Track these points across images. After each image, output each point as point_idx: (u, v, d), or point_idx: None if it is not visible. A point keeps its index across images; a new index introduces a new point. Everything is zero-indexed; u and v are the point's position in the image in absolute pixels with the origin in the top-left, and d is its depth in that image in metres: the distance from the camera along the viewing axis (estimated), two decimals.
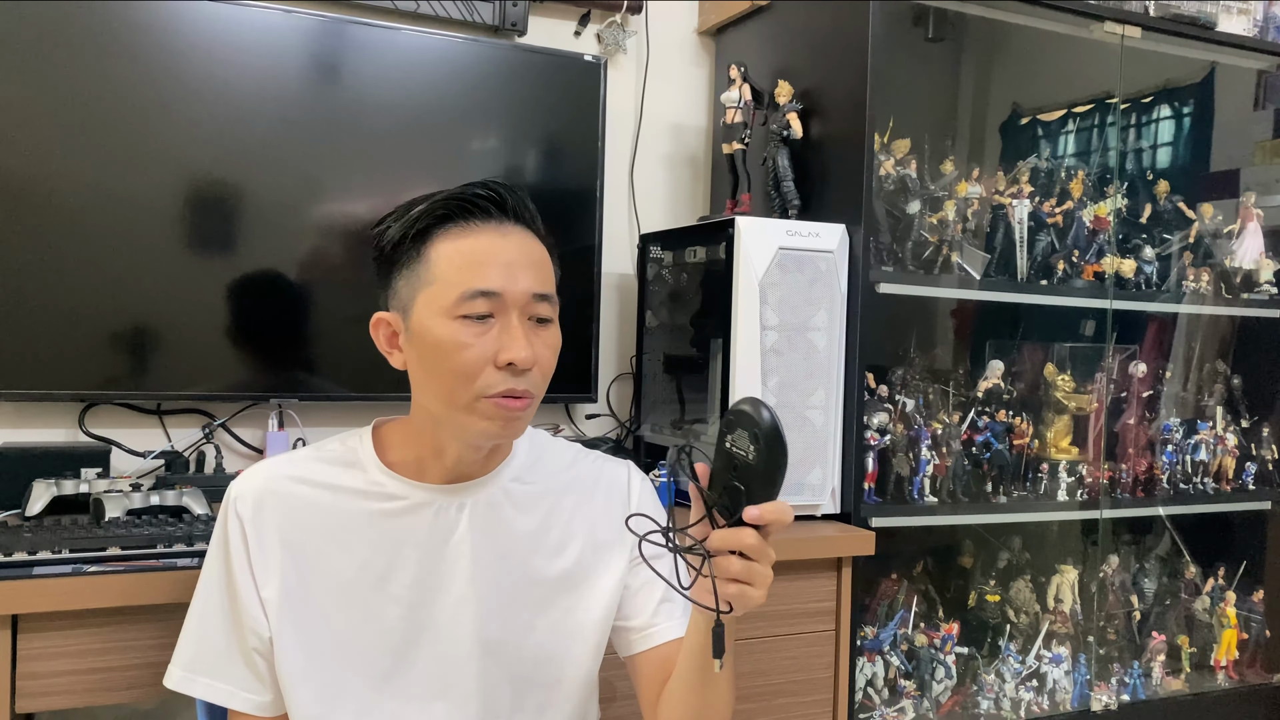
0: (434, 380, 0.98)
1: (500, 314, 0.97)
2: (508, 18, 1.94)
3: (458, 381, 0.96)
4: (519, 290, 0.97)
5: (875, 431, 1.78)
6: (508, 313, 0.97)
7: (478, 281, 0.95)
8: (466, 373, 0.95)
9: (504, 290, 0.96)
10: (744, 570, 0.85)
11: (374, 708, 1.01)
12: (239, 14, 1.64)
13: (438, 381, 0.97)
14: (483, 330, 0.96)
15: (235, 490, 1.02)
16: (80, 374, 1.57)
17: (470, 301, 0.95)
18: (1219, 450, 2.20)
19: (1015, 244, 1.99)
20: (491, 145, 1.83)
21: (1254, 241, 2.24)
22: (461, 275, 0.96)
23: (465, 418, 0.97)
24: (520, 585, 1.06)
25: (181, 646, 1.03)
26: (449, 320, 0.96)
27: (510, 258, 0.98)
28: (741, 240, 1.65)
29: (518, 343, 0.95)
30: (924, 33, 2.11)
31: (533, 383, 0.98)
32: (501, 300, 0.96)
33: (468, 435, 1.00)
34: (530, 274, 0.98)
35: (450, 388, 0.96)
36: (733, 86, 1.85)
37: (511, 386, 0.96)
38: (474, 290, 0.95)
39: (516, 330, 0.96)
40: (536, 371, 0.98)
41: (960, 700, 1.91)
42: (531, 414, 1.01)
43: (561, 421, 2.04)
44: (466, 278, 0.96)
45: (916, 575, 2.02)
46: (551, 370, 1.01)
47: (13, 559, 1.18)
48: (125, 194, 1.57)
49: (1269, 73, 2.29)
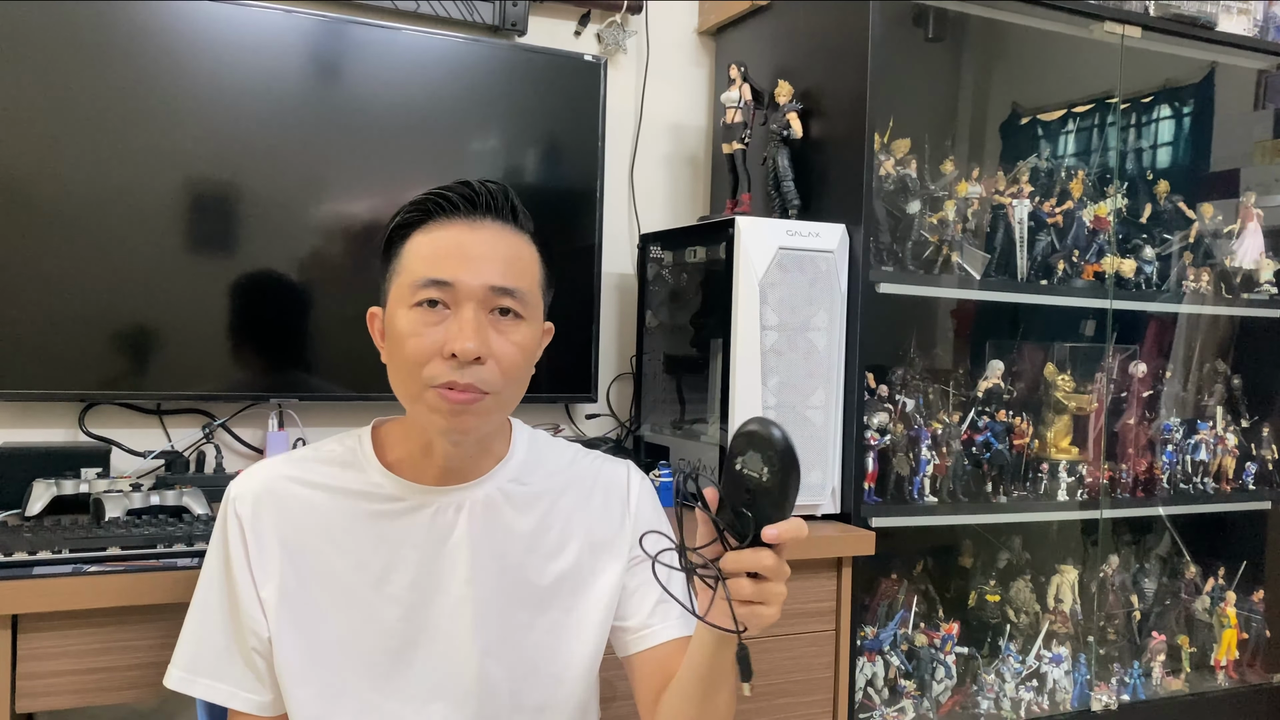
0: (392, 369, 0.99)
1: (454, 305, 0.96)
2: (508, 18, 1.94)
3: (409, 370, 0.96)
4: (476, 282, 0.96)
5: (875, 431, 1.78)
6: (461, 304, 0.96)
7: (431, 270, 0.96)
8: (415, 361, 0.95)
9: (456, 280, 0.95)
10: (757, 591, 0.85)
11: (373, 708, 1.01)
12: (239, 14, 1.64)
13: (395, 371, 0.99)
14: (435, 320, 0.95)
15: (234, 491, 1.02)
16: (80, 374, 1.57)
17: (423, 289, 0.95)
18: (1219, 450, 2.20)
19: (1015, 244, 1.99)
20: (491, 145, 1.83)
21: (1254, 241, 2.24)
22: (420, 265, 0.97)
23: (417, 408, 0.98)
24: (518, 585, 1.06)
25: (181, 647, 1.03)
26: (407, 309, 0.96)
27: (476, 251, 0.97)
28: (741, 240, 1.65)
29: (463, 333, 0.94)
30: (924, 33, 2.11)
31: (482, 378, 0.95)
32: (453, 290, 0.96)
33: (426, 428, 0.99)
34: (493, 266, 0.97)
35: (403, 377, 0.97)
36: (733, 86, 1.85)
37: (453, 378, 0.94)
38: (426, 279, 0.95)
39: (467, 322, 0.95)
40: (493, 367, 0.96)
41: (960, 700, 1.91)
42: (493, 411, 0.98)
43: (561, 421, 2.04)
44: (423, 267, 0.96)
45: (916, 575, 2.02)
46: (518, 367, 0.99)
47: (13, 559, 1.18)
48: (125, 194, 1.57)
49: (1269, 73, 2.29)
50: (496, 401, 0.98)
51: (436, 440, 1.01)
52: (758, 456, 0.82)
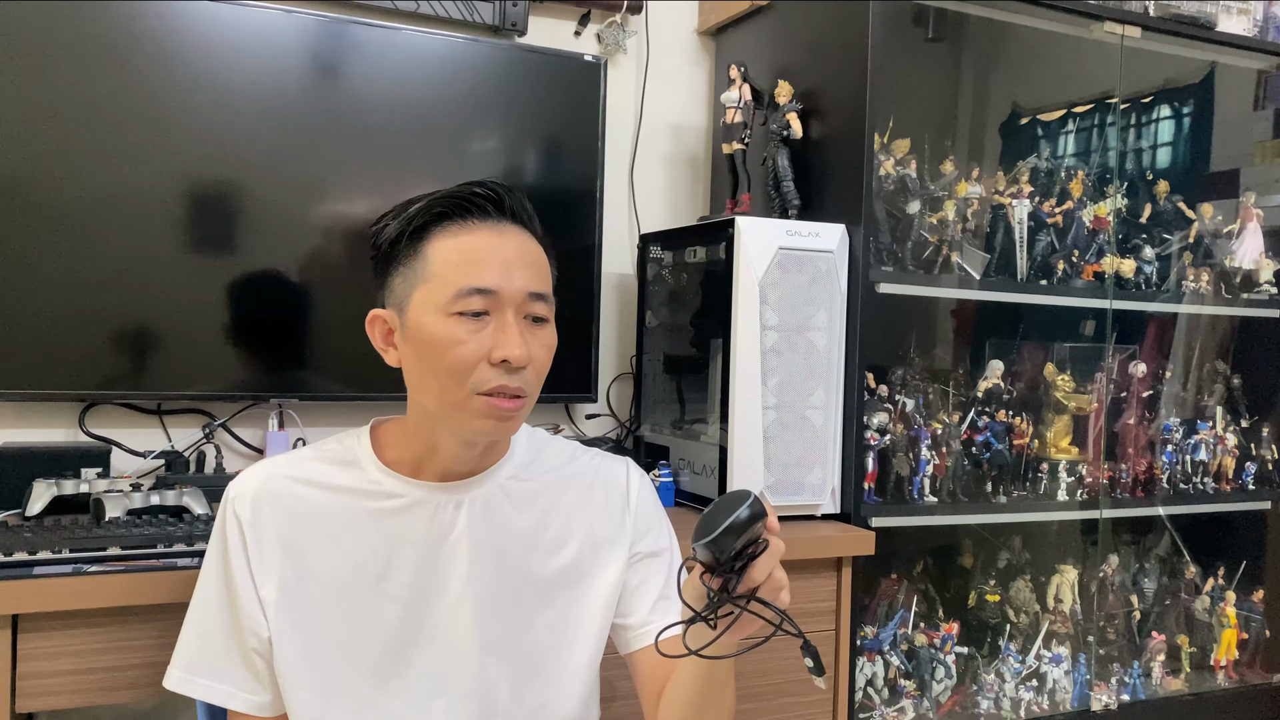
0: (429, 377, 0.98)
1: (495, 311, 0.97)
2: (508, 18, 1.94)
3: (452, 378, 0.96)
4: (515, 288, 0.97)
5: (875, 431, 1.78)
6: (503, 310, 0.97)
7: (474, 279, 0.96)
8: (461, 369, 0.95)
9: (500, 288, 0.96)
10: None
11: (373, 707, 1.01)
12: (239, 14, 1.64)
13: (432, 378, 0.98)
14: (478, 327, 0.96)
15: (233, 491, 1.02)
16: (80, 374, 1.57)
17: (466, 298, 0.96)
18: (1219, 450, 2.20)
19: (1015, 244, 1.99)
20: (491, 145, 1.83)
21: (1254, 241, 2.24)
22: (458, 272, 0.96)
23: (459, 415, 0.97)
24: (518, 583, 1.06)
25: (180, 647, 1.03)
26: (444, 317, 0.96)
27: (507, 256, 0.98)
28: (741, 240, 1.65)
29: (512, 340, 0.96)
30: (924, 33, 2.11)
31: (526, 381, 0.98)
32: (497, 298, 0.97)
33: (462, 432, 1.00)
34: (527, 273, 0.99)
35: (444, 384, 0.97)
36: (733, 86, 1.85)
37: (504, 383, 0.96)
38: (470, 287, 0.96)
39: (512, 328, 0.96)
40: (531, 370, 0.98)
41: (960, 700, 1.91)
42: (526, 413, 1.01)
43: (561, 421, 2.04)
44: (463, 275, 0.96)
45: (916, 575, 2.02)
46: (546, 369, 1.02)
47: (13, 559, 1.18)
48: (125, 194, 1.57)
49: (1269, 73, 2.29)
50: (530, 404, 1.00)
51: (452, 443, 1.02)
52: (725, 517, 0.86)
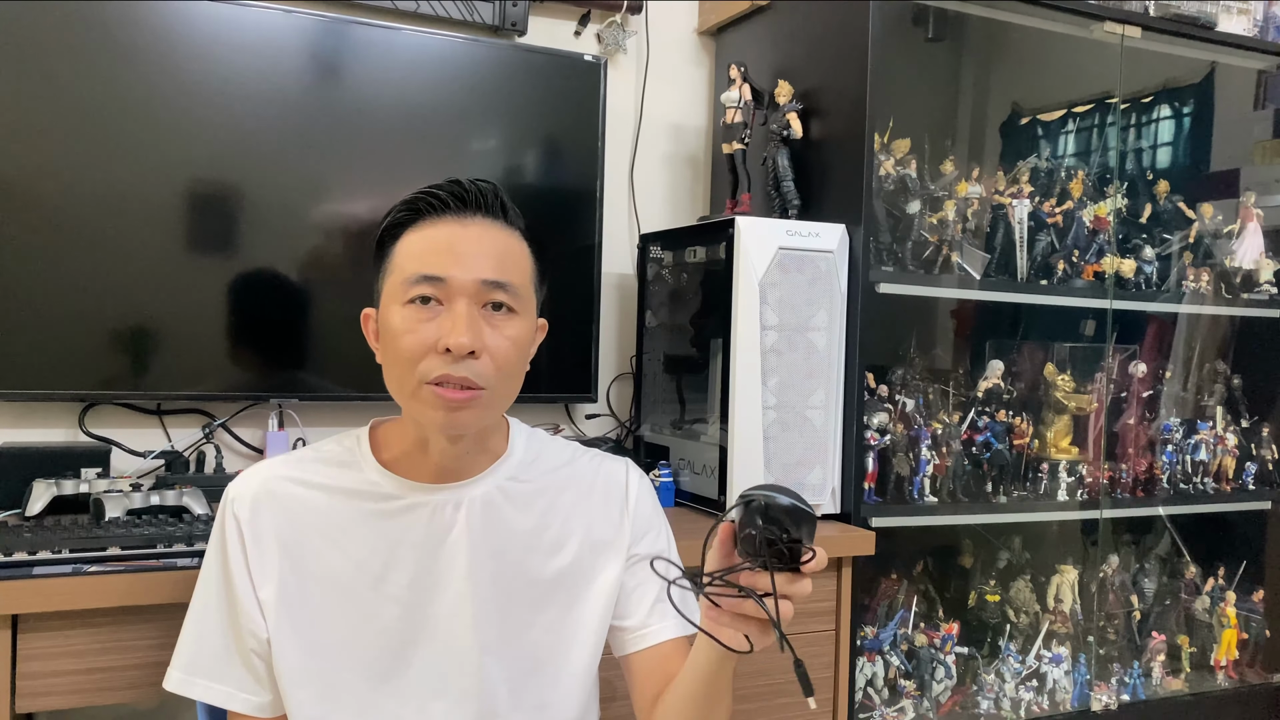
0: (387, 367, 1.00)
1: (447, 301, 0.96)
2: (508, 18, 1.93)
3: (403, 367, 0.96)
4: (468, 277, 0.96)
5: (875, 431, 1.78)
6: (454, 299, 0.96)
7: (423, 267, 0.96)
8: (409, 358, 0.96)
9: (448, 276, 0.96)
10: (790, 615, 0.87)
11: (373, 707, 1.01)
12: (239, 14, 1.64)
13: (389, 368, 0.99)
14: (428, 316, 0.96)
15: (232, 492, 1.02)
16: (80, 374, 1.57)
17: (415, 285, 0.96)
18: (1219, 450, 2.20)
19: (1015, 244, 1.99)
20: (491, 145, 1.83)
21: (1254, 241, 2.24)
22: (411, 262, 0.97)
23: (414, 405, 0.98)
24: (517, 583, 1.06)
25: (180, 649, 1.03)
26: (400, 306, 0.97)
27: (466, 247, 0.98)
28: (741, 240, 1.65)
29: (456, 328, 0.94)
30: (924, 33, 2.11)
31: (478, 372, 0.95)
32: (445, 286, 0.96)
33: (422, 424, 1.00)
34: (485, 261, 0.98)
35: (400, 374, 0.97)
36: (733, 86, 1.85)
37: (448, 372, 0.94)
38: (419, 275, 0.96)
39: (460, 317, 0.95)
40: (487, 361, 0.96)
41: (960, 700, 1.91)
42: (489, 407, 0.99)
43: (561, 421, 2.04)
44: (415, 264, 0.97)
45: (916, 575, 2.02)
46: (512, 362, 0.99)
47: (13, 559, 1.18)
48: (125, 194, 1.57)
49: (1269, 73, 2.29)
50: (491, 396, 0.98)
51: (433, 437, 1.01)
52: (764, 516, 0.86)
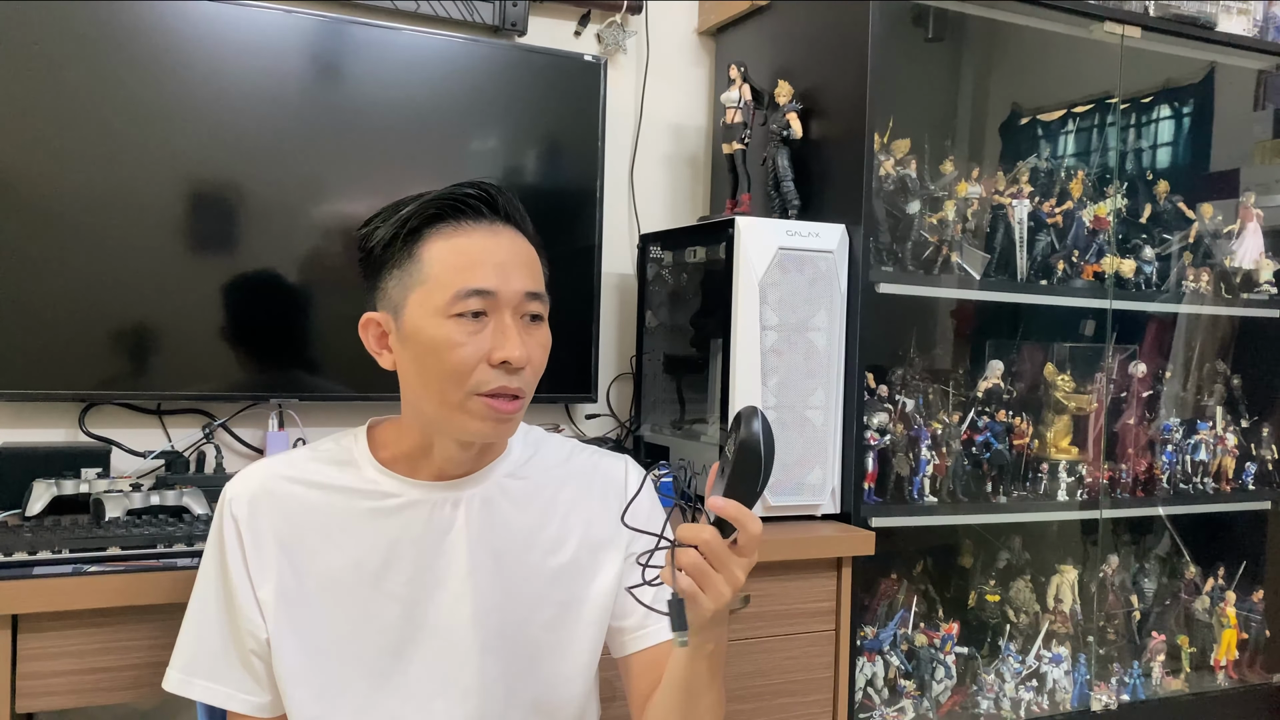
0: (427, 379, 0.98)
1: (493, 313, 0.97)
2: (508, 18, 1.94)
3: (450, 380, 0.96)
4: (512, 289, 0.98)
5: (875, 431, 1.78)
6: (501, 311, 0.97)
7: (472, 280, 0.96)
8: (460, 371, 0.96)
9: (498, 289, 0.97)
10: (692, 565, 0.86)
11: (372, 706, 1.01)
12: (239, 14, 1.64)
13: (431, 380, 0.98)
14: (476, 329, 0.96)
15: (230, 491, 1.02)
16: (80, 374, 1.57)
17: (464, 300, 0.96)
18: (1219, 450, 2.20)
19: (1015, 244, 1.99)
20: (491, 145, 1.83)
21: (1254, 241, 2.24)
22: (455, 275, 0.97)
23: (458, 416, 0.98)
24: (517, 581, 1.06)
25: (179, 649, 1.03)
26: (443, 319, 0.96)
27: (503, 257, 0.99)
28: (741, 240, 1.65)
29: (511, 341, 0.96)
30: (924, 33, 2.11)
31: (525, 381, 0.99)
32: (495, 299, 0.97)
33: (461, 434, 1.00)
34: (522, 273, 0.99)
35: (443, 387, 0.97)
36: (733, 86, 1.85)
37: (504, 384, 0.97)
38: (469, 289, 0.96)
39: (510, 329, 0.97)
40: (529, 370, 0.99)
41: (960, 700, 1.91)
42: (523, 414, 1.02)
43: (561, 421, 2.04)
44: (461, 277, 0.96)
45: (916, 575, 2.02)
46: (542, 369, 1.02)
47: (13, 559, 1.18)
48: (125, 194, 1.57)
49: (1269, 73, 2.29)
50: (526, 404, 1.01)
51: (448, 445, 1.02)
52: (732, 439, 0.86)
